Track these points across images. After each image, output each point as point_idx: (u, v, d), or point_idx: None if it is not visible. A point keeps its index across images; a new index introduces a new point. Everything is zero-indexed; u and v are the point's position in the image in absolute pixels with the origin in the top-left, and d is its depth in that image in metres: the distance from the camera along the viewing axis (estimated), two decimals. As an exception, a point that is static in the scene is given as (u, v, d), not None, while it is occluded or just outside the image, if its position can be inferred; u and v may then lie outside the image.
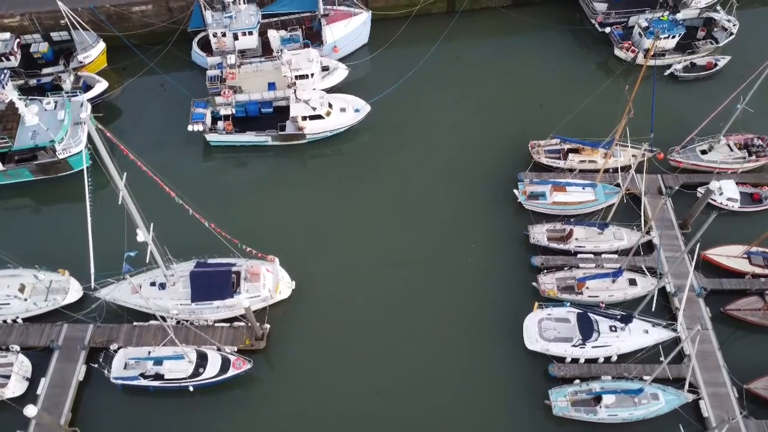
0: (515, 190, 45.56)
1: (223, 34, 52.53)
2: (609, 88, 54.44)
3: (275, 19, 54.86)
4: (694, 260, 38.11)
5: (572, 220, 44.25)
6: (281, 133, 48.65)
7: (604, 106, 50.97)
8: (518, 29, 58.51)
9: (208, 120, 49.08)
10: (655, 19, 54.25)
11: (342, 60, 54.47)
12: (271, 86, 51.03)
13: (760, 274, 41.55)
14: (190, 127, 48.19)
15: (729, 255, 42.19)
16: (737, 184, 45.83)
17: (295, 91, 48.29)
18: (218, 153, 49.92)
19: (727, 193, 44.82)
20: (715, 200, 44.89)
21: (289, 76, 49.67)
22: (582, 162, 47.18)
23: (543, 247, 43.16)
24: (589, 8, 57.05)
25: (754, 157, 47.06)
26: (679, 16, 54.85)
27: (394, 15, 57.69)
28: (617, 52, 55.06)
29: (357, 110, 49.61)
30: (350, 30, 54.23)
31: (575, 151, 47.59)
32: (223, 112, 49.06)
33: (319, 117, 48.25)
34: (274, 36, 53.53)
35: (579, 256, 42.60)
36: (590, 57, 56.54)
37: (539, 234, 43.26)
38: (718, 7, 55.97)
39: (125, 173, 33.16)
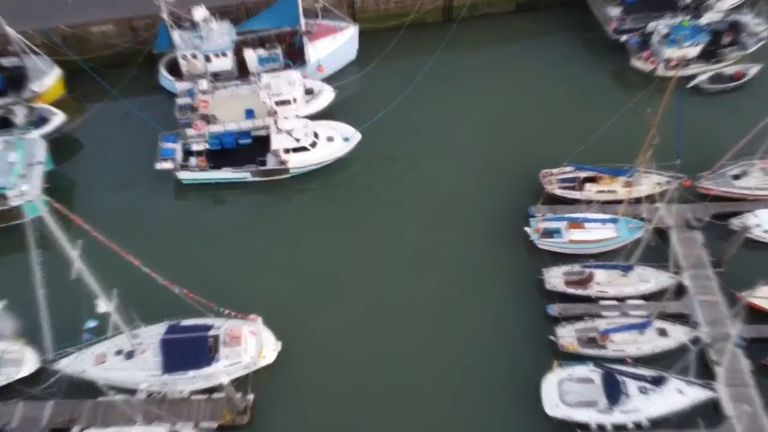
0: (527, 228, 43.21)
1: (194, 56, 50.09)
2: (626, 102, 52.30)
3: (252, 35, 52.44)
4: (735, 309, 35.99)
5: (592, 261, 41.91)
6: (262, 168, 46.21)
7: (622, 125, 48.40)
8: (523, 38, 56.17)
9: (179, 156, 46.62)
10: (676, 25, 51.97)
11: (328, 80, 52.04)
12: (249, 113, 48.58)
13: (812, 320, 39.41)
14: (158, 165, 45.74)
15: (772, 298, 40.02)
16: (775, 213, 43.76)
17: (275, 121, 45.85)
18: (192, 192, 47.48)
19: (765, 224, 42.58)
20: (752, 233, 42.71)
21: (269, 103, 47.23)
22: (600, 192, 44.85)
23: (560, 294, 40.89)
24: (601, 13, 54.69)
25: (800, 183, 44.91)
26: (703, 20, 52.56)
27: (384, 27, 55.29)
28: (634, 62, 52.74)
29: (346, 139, 47.22)
30: (336, 47, 51.81)
31: (592, 180, 45.29)
32: (195, 147, 46.56)
33: (303, 149, 45.83)
34: (251, 56, 51.13)
35: (601, 302, 40.31)
36: (603, 67, 54.18)
37: (555, 279, 40.94)
38: (746, 9, 53.71)
39: (80, 241, 30.78)
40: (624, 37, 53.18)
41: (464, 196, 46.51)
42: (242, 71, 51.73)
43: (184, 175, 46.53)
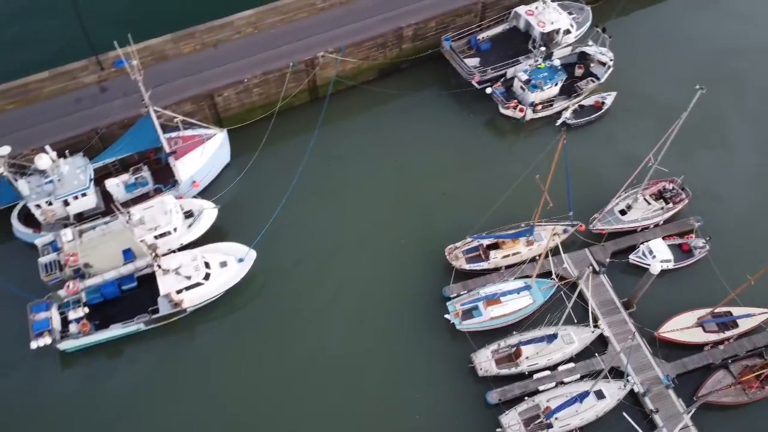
0: (447, 315, 41.42)
1: (49, 203, 43.73)
2: (509, 151, 52.42)
3: (111, 159, 46.65)
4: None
5: (515, 332, 40.80)
6: (155, 316, 40.94)
7: (509, 175, 48.28)
8: (394, 104, 54.30)
9: (56, 324, 40.28)
10: (533, 68, 52.42)
11: (206, 193, 47.58)
12: (128, 254, 42.95)
13: (717, 342, 40.60)
14: (34, 344, 39.10)
15: (683, 328, 40.83)
16: (664, 239, 44.96)
17: (158, 266, 40.70)
18: (81, 359, 41.23)
19: (659, 255, 43.57)
20: (649, 265, 43.49)
21: (147, 242, 42.01)
22: (506, 257, 44.04)
23: (494, 376, 39.46)
24: (461, 68, 54.11)
25: (671, 205, 46.41)
26: (555, 60, 53.44)
27: (253, 120, 51.45)
28: (504, 111, 52.61)
29: (241, 260, 43.04)
30: (207, 158, 47.29)
31: (495, 246, 44.36)
32: (73, 315, 40.24)
33: (197, 285, 41.18)
34: (116, 185, 45.49)
35: (535, 377, 39.29)
36: (478, 120, 53.65)
37: (485, 363, 39.40)
38: (590, 41, 55.29)
39: None
40: (489, 90, 52.90)
41: (376, 288, 43.91)
42: (109, 201, 45.88)
43: (66, 345, 40.28)
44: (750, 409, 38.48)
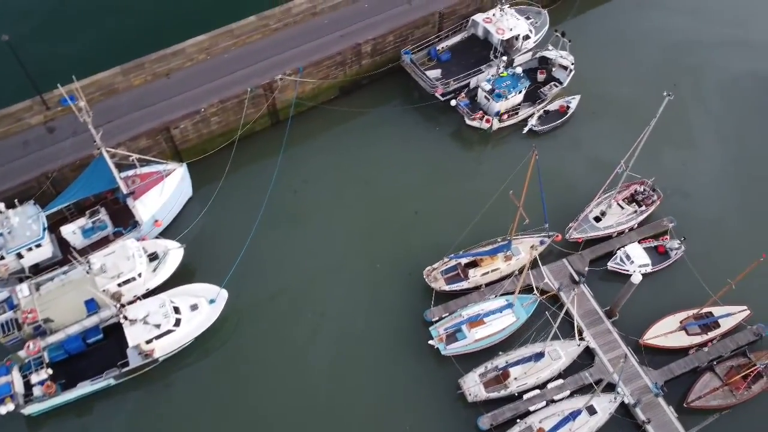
0: (431, 341, 39.81)
1: (1, 258, 40.54)
2: (478, 163, 51.05)
3: (65, 204, 43.53)
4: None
5: (501, 353, 39.46)
6: (125, 369, 38.20)
7: (482, 189, 46.95)
8: (358, 122, 52.34)
9: (19, 386, 37.20)
10: (496, 77, 51.16)
11: (170, 231, 44.94)
12: (91, 304, 40.00)
13: (701, 344, 40.03)
14: (-6, 414, 36.17)
15: (666, 333, 40.14)
16: (640, 242, 44.26)
17: (124, 317, 37.98)
18: (49, 422, 38.20)
19: (637, 260, 42.83)
20: (627, 271, 42.82)
21: (109, 291, 39.26)
22: (485, 275, 42.66)
23: (483, 401, 38.03)
24: (423, 80, 52.50)
25: (644, 207, 45.76)
26: (518, 69, 52.32)
27: (214, 150, 48.89)
28: (470, 122, 51.21)
29: (212, 301, 40.58)
30: (167, 195, 44.55)
31: (474, 264, 42.94)
32: (36, 377, 37.15)
33: (167, 332, 38.62)
34: (72, 232, 42.50)
35: (525, 397, 37.99)
36: (444, 132, 52.15)
37: (474, 387, 37.92)
38: (550, 46, 54.34)
39: None
40: (453, 102, 51.46)
41: (357, 318, 41.99)
42: (66, 248, 42.84)
43: (32, 409, 37.24)
44: (739, 409, 37.95)
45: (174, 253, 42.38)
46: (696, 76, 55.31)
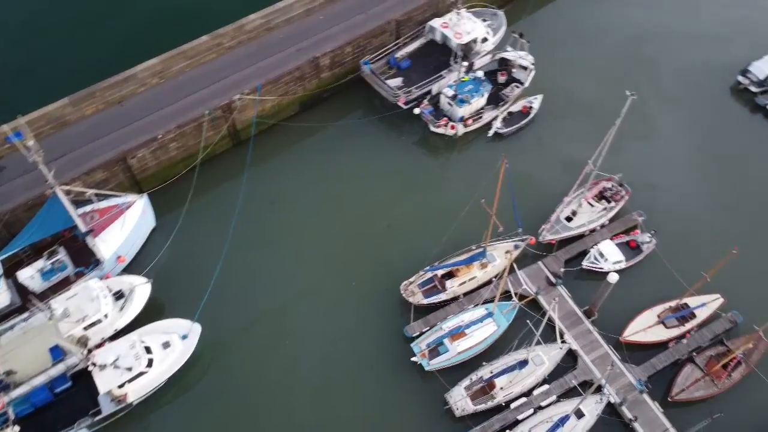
0: (413, 358, 38.99)
1: (-46, 309, 38.25)
2: (447, 170, 50.38)
3: (21, 248, 41.24)
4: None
5: (484, 363, 38.85)
6: (98, 418, 36.32)
7: (452, 197, 46.56)
8: (322, 136, 51.24)
9: (-16, 447, 35.14)
10: (458, 83, 50.60)
11: (135, 266, 43.03)
12: (56, 351, 37.75)
13: (680, 336, 40.18)
14: (-39, 477, 33.99)
15: (645, 328, 40.16)
16: (612, 239, 44.26)
17: (93, 363, 36.10)
18: (20, 480, 36.22)
19: (610, 257, 42.80)
20: (602, 269, 42.78)
21: (75, 336, 37.29)
22: (462, 284, 42.05)
23: (472, 414, 37.38)
24: (384, 90, 51.60)
25: (613, 203, 45.79)
26: (479, 72, 51.89)
27: (175, 176, 47.08)
28: (435, 129, 50.53)
29: (185, 337, 38.96)
30: (129, 229, 42.66)
31: (450, 275, 42.28)
32: (3, 435, 35.25)
33: (140, 375, 36.85)
34: (30, 277, 40.29)
35: (512, 406, 37.49)
36: (410, 141, 51.30)
37: (460, 401, 37.24)
38: (508, 47, 54.05)
39: None
40: (417, 110, 50.71)
41: (336, 341, 40.77)
42: (25, 294, 40.60)
43: (0, 471, 35.19)
44: (722, 398, 38.16)
45: (141, 289, 40.55)
46: (652, 68, 55.77)
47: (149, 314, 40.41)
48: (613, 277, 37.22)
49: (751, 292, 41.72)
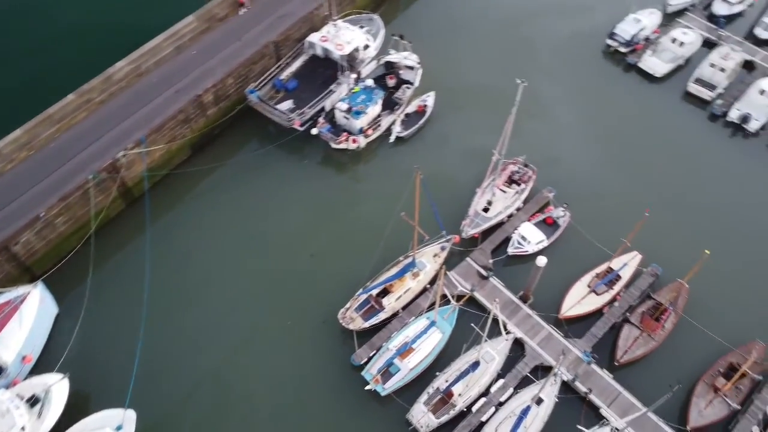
0: (367, 387, 37.62)
1: None
2: (357, 185, 49.15)
3: None
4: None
5: (438, 373, 38.20)
6: None
7: (369, 212, 45.65)
8: (221, 175, 48.31)
9: None
10: (350, 95, 49.43)
11: (43, 363, 38.47)
12: (-27, 482, 33.39)
13: (611, 300, 41.48)
14: None
15: (579, 300, 41.12)
16: (529, 220, 45.02)
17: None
18: None
19: (532, 238, 43.47)
20: (527, 251, 43.39)
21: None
22: (399, 299, 41.12)
23: (437, 428, 36.63)
24: (277, 116, 49.49)
25: (523, 185, 46.56)
26: (368, 81, 50.98)
27: (70, 253, 42.69)
28: (337, 146, 49.09)
29: (119, 428, 35.15)
30: (29, 324, 38.02)
31: (385, 292, 41.24)
32: None
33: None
34: None
35: (474, 409, 37.11)
36: (314, 162, 49.53)
37: (423, 419, 36.31)
38: (391, 51, 53.52)
39: None
40: (315, 130, 49.04)
41: (285, 390, 38.36)
42: None
43: None
44: (662, 350, 39.81)
45: (58, 388, 36.18)
46: (531, 47, 57.25)
47: (74, 413, 36.12)
48: (541, 260, 37.67)
49: (663, 243, 43.68)
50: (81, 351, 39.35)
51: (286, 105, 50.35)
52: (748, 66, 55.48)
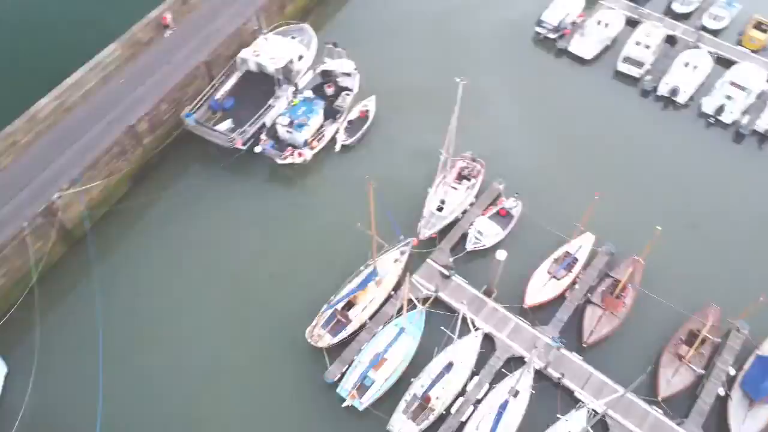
0: (345, 404, 36.87)
1: None
2: (309, 198, 48.14)
3: None
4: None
5: (413, 380, 37.81)
6: None
7: (325, 226, 44.89)
8: (168, 205, 46.41)
9: None
10: (290, 108, 48.42)
11: (-2, 427, 36.14)
12: None
13: (572, 283, 42.12)
14: None
15: (541, 287, 41.59)
16: (483, 214, 45.21)
17: None
18: None
19: (488, 231, 43.73)
20: (485, 245, 43.60)
21: None
22: (365, 309, 40.54)
23: (419, 433, 36.37)
24: (216, 137, 47.92)
25: (473, 180, 46.74)
26: (307, 92, 50.08)
27: (12, 306, 39.94)
28: (283, 162, 47.91)
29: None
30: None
31: (350, 304, 40.57)
32: None
33: None
34: None
35: (453, 409, 36.96)
36: (261, 180, 48.27)
37: (404, 428, 35.93)
38: (326, 59, 52.72)
39: None
40: (258, 148, 47.75)
41: (262, 417, 37.21)
42: None
43: None
44: (625, 326, 40.71)
45: (16, 453, 34.10)
46: (464, 41, 57.50)
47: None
48: (501, 254, 37.86)
49: (613, 222, 44.59)
50: (36, 412, 36.85)
51: (226, 125, 48.90)
52: (671, 40, 57.61)
